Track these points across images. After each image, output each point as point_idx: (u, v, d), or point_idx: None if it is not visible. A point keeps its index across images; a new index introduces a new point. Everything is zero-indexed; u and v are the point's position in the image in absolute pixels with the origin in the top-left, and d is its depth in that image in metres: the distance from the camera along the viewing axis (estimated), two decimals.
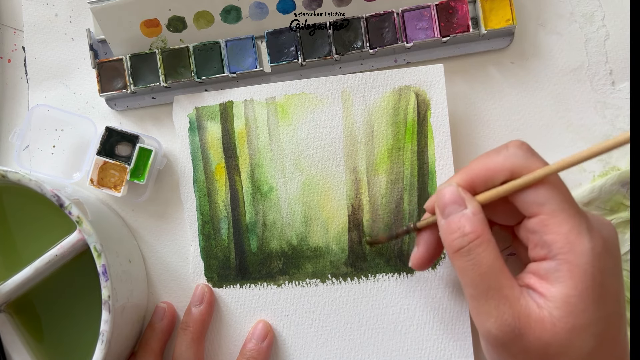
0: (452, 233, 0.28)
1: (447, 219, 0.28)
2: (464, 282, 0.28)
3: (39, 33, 0.42)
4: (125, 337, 0.35)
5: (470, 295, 0.27)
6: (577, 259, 0.26)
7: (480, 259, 0.27)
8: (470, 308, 0.28)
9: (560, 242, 0.26)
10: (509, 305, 0.26)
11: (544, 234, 0.27)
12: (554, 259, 0.26)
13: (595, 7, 0.38)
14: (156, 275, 0.39)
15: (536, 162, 0.28)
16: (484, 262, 0.27)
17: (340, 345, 0.37)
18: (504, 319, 0.26)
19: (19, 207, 0.36)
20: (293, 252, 0.38)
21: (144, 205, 0.40)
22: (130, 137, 0.38)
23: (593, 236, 0.26)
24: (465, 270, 0.27)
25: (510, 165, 0.28)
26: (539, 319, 0.26)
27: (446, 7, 0.37)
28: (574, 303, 0.25)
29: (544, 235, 0.27)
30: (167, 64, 0.39)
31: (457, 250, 0.27)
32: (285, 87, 0.38)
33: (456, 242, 0.27)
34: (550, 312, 0.26)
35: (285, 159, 0.38)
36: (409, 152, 0.37)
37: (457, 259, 0.28)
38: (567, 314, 0.25)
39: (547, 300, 0.26)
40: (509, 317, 0.26)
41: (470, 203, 0.28)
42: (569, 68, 0.38)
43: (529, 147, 0.28)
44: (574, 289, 0.25)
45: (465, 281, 0.28)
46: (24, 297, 0.35)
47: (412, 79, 0.37)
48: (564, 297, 0.26)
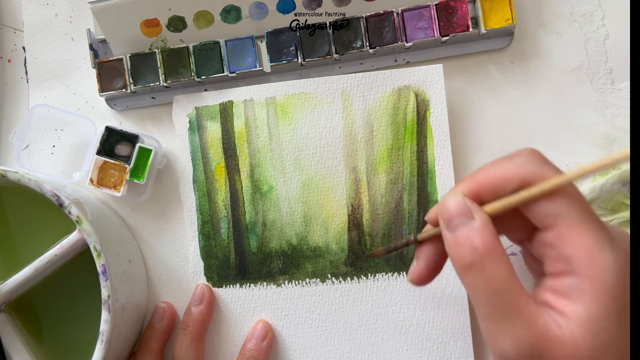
0: (461, 247, 0.25)
1: (453, 233, 0.26)
2: (476, 301, 0.25)
3: (39, 33, 0.42)
4: (125, 337, 0.35)
5: (484, 315, 0.25)
6: (600, 274, 0.24)
7: (493, 275, 0.24)
8: (483, 329, 0.25)
9: (582, 257, 0.24)
10: (527, 325, 0.24)
11: (562, 247, 0.24)
12: (574, 274, 0.24)
13: (594, 6, 0.38)
14: (156, 275, 0.39)
15: (550, 170, 0.25)
16: (498, 278, 0.24)
17: (340, 345, 0.37)
18: (522, 339, 0.24)
19: (18, 206, 0.36)
20: (293, 251, 0.38)
21: (144, 205, 0.40)
22: (130, 137, 0.38)
23: (615, 249, 0.24)
24: (476, 288, 0.25)
25: (523, 174, 0.25)
26: (560, 339, 0.23)
27: (446, 6, 0.37)
28: (597, 321, 0.23)
29: (562, 250, 0.24)
30: (167, 63, 0.39)
31: (467, 266, 0.25)
32: (285, 87, 0.38)
33: (465, 258, 0.25)
34: (572, 332, 0.23)
35: (285, 158, 0.38)
36: (408, 151, 0.37)
37: (467, 276, 0.25)
38: (591, 335, 0.23)
39: (568, 320, 0.24)
40: (527, 338, 0.24)
41: (478, 214, 0.26)
42: (569, 68, 0.38)
43: (541, 155, 0.26)
44: (597, 307, 0.23)
45: (478, 300, 0.25)
46: (24, 297, 0.35)
47: (411, 79, 0.37)
48: (587, 316, 0.23)
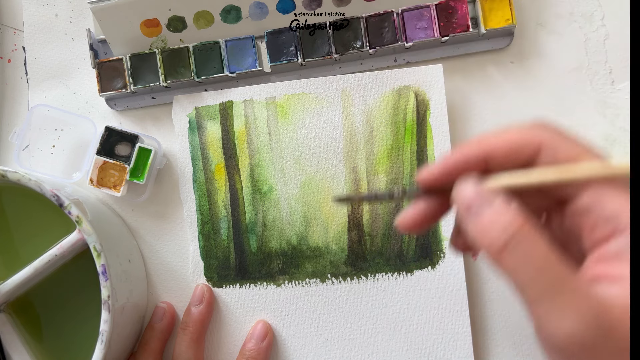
0: (489, 231, 0.22)
1: (477, 218, 0.23)
2: (519, 284, 0.22)
3: (39, 33, 0.42)
4: (125, 337, 0.35)
5: (532, 298, 0.22)
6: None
7: (532, 250, 0.22)
8: (535, 318, 0.22)
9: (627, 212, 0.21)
10: (583, 298, 0.21)
11: (602, 208, 0.22)
12: (623, 232, 0.21)
13: (594, 7, 0.38)
14: (156, 275, 0.39)
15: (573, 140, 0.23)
16: (538, 254, 0.22)
17: (340, 345, 0.37)
18: (584, 314, 0.21)
19: (18, 206, 0.36)
20: (293, 251, 0.38)
21: (144, 205, 0.40)
22: (130, 137, 0.38)
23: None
24: (516, 269, 0.22)
25: (543, 138, 0.23)
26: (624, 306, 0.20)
27: (446, 6, 0.37)
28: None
29: (603, 210, 0.22)
30: (167, 63, 0.39)
31: (502, 247, 0.22)
32: (285, 87, 0.38)
33: (498, 240, 0.22)
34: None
35: (285, 158, 0.38)
36: (408, 151, 0.37)
37: (504, 259, 0.22)
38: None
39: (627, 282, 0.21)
40: (588, 311, 0.20)
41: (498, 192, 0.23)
42: (569, 68, 0.38)
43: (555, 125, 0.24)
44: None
45: (522, 283, 0.22)
46: (24, 297, 0.35)
47: (411, 79, 0.37)
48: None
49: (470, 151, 0.24)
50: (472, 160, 0.24)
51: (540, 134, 0.23)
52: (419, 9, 0.37)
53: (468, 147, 0.24)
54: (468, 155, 0.24)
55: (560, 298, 0.21)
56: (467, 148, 0.24)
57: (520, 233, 0.22)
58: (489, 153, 0.24)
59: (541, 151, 0.23)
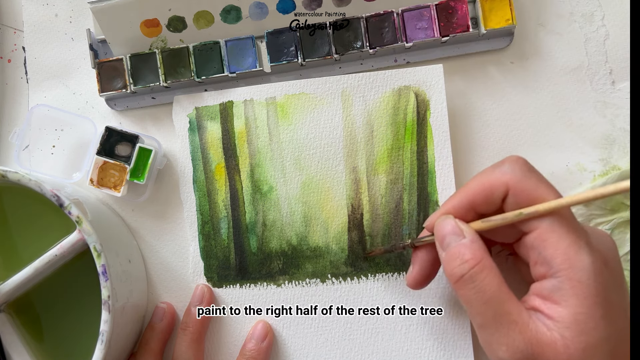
0: (453, 262, 0.27)
1: (446, 250, 0.28)
2: (471, 312, 0.27)
3: (39, 33, 0.42)
4: (125, 337, 0.35)
5: (479, 325, 0.27)
6: (578, 275, 0.25)
7: (484, 285, 0.26)
8: (480, 338, 0.27)
9: (560, 258, 0.25)
10: (518, 331, 0.25)
11: (542, 249, 0.26)
12: (554, 276, 0.26)
13: (594, 7, 0.38)
14: (156, 275, 0.39)
15: (532, 177, 0.27)
16: (488, 289, 0.26)
17: (340, 345, 0.37)
18: (516, 346, 0.25)
19: (19, 207, 0.36)
20: (293, 252, 0.38)
21: (144, 205, 0.40)
22: (130, 137, 0.38)
23: (592, 251, 0.26)
24: (469, 299, 0.27)
25: (507, 180, 0.28)
26: (551, 342, 0.25)
27: (446, 7, 0.37)
28: (584, 321, 0.25)
29: (542, 251, 0.26)
30: (167, 63, 0.39)
31: (459, 278, 0.27)
32: (285, 87, 0.38)
33: (457, 270, 0.27)
34: (561, 333, 0.25)
35: (285, 158, 0.38)
36: (408, 152, 0.37)
37: (461, 288, 0.27)
38: (578, 333, 0.25)
39: (555, 322, 0.25)
40: (520, 344, 0.25)
41: (468, 232, 0.28)
42: (569, 68, 0.38)
43: (525, 162, 0.28)
44: (580, 307, 0.25)
45: (472, 311, 0.27)
46: (24, 297, 0.35)
47: (411, 79, 0.37)
48: (571, 316, 0.25)
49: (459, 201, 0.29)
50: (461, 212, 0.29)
51: (508, 176, 0.28)
52: (419, 9, 0.37)
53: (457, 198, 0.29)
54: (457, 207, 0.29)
55: (499, 330, 0.26)
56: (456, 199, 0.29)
57: (476, 269, 0.27)
58: (472, 199, 0.29)
59: (509, 189, 0.28)
